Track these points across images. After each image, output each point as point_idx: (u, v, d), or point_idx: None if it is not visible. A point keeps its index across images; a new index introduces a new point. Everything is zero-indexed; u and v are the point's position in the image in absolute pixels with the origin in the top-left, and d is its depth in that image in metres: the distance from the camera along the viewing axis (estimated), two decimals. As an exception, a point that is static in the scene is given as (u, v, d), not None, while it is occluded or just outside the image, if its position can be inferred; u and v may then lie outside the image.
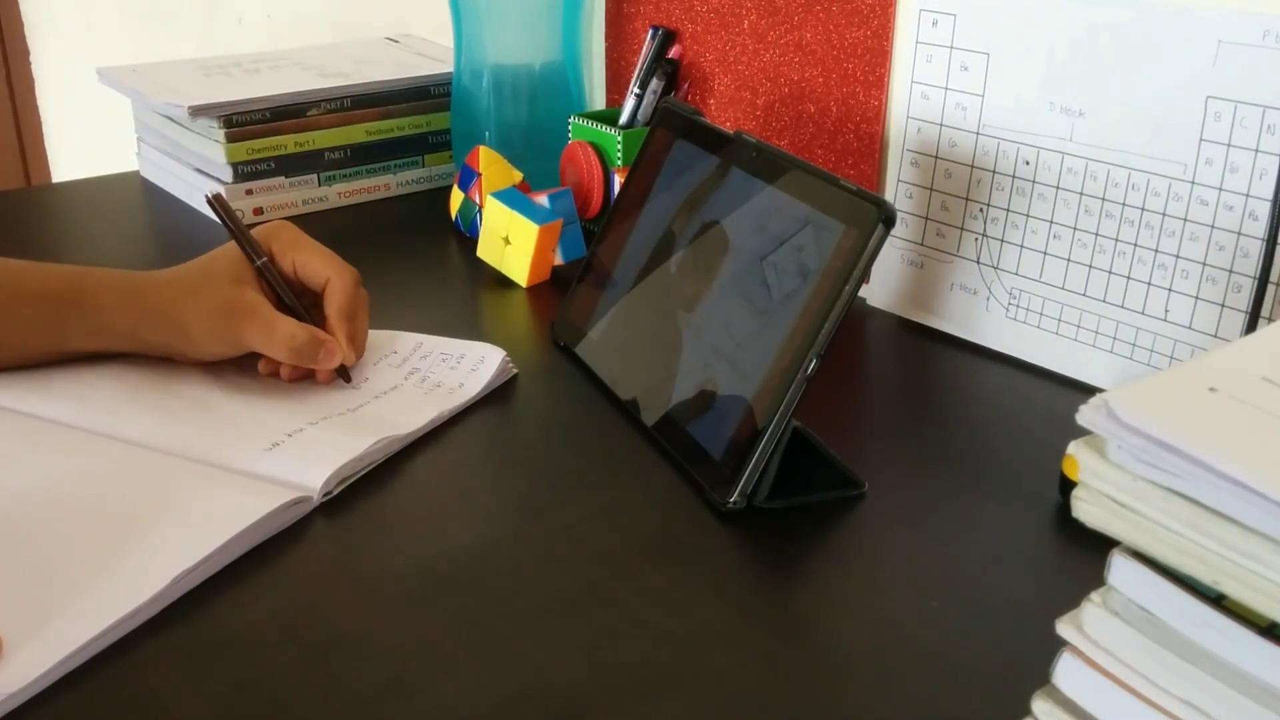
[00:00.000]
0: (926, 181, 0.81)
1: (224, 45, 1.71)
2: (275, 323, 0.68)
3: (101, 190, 1.14)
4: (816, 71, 0.88)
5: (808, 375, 0.58)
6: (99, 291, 0.68)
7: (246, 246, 0.70)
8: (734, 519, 0.59)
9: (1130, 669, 0.34)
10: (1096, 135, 0.71)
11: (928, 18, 0.78)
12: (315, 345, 0.68)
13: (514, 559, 0.56)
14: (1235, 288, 0.66)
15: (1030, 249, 0.76)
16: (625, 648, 0.50)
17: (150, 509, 0.57)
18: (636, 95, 0.94)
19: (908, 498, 0.62)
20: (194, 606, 0.52)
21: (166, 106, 1.02)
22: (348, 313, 0.71)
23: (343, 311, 0.70)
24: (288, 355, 0.68)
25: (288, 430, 0.64)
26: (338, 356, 0.69)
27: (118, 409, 0.66)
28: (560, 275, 0.89)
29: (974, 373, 0.77)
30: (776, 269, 0.62)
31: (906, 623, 0.52)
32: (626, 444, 0.67)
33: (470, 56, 1.02)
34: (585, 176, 0.93)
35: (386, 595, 0.53)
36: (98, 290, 0.68)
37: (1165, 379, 0.34)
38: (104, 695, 0.47)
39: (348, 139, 1.07)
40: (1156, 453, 0.31)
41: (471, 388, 0.70)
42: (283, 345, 0.67)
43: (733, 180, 0.68)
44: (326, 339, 0.68)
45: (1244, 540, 0.30)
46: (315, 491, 0.59)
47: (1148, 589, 0.33)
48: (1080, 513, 0.34)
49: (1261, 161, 0.64)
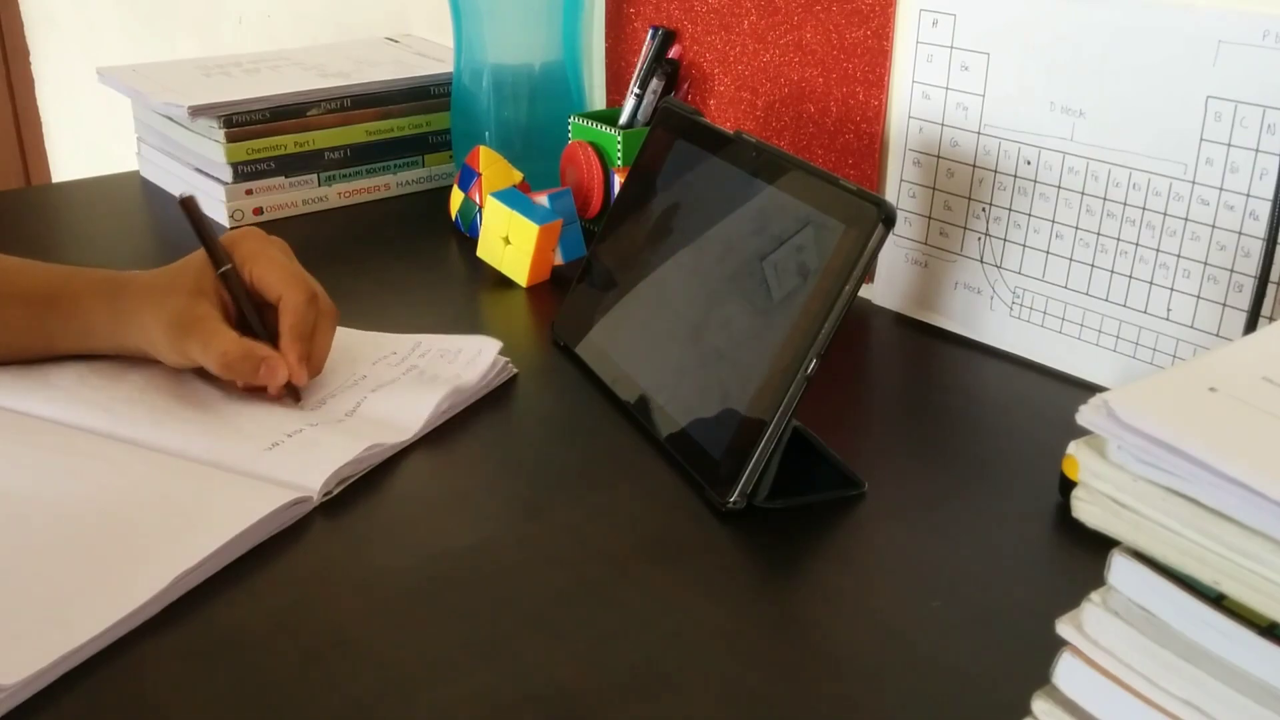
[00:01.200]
0: (929, 181, 0.81)
1: (224, 45, 1.71)
2: (214, 336, 0.66)
3: (101, 190, 1.14)
4: (816, 71, 0.88)
5: (808, 375, 0.58)
6: (82, 295, 0.68)
7: (211, 252, 0.68)
8: (734, 519, 0.59)
9: (1130, 669, 0.34)
10: (1097, 135, 0.71)
11: (928, 18, 0.78)
12: (251, 361, 0.66)
13: (514, 559, 0.56)
14: (1236, 287, 0.66)
15: (1033, 248, 0.76)
16: (625, 648, 0.50)
17: (150, 509, 0.57)
18: (636, 95, 0.94)
19: (908, 497, 0.62)
20: (194, 606, 0.52)
21: (166, 106, 1.02)
22: (300, 331, 0.68)
23: (294, 330, 0.68)
24: (220, 369, 0.66)
25: (288, 430, 0.64)
26: (281, 374, 0.66)
27: (117, 409, 0.66)
28: (560, 275, 0.89)
29: (976, 371, 0.77)
30: (776, 269, 0.62)
31: (906, 623, 0.52)
32: (626, 444, 0.67)
33: (470, 56, 1.02)
34: (585, 176, 0.93)
35: (386, 595, 0.53)
36: (81, 294, 0.68)
37: (1165, 379, 0.34)
38: (104, 695, 0.47)
39: (347, 139, 1.07)
40: (1156, 453, 0.31)
41: (469, 378, 0.70)
42: (215, 359, 0.65)
43: (733, 180, 0.68)
44: (267, 355, 0.66)
45: (1244, 540, 0.30)
46: (315, 491, 0.59)
47: (1148, 589, 0.33)
48: (1080, 513, 0.34)
49: (1262, 161, 0.64)
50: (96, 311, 0.68)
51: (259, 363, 0.66)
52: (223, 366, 0.66)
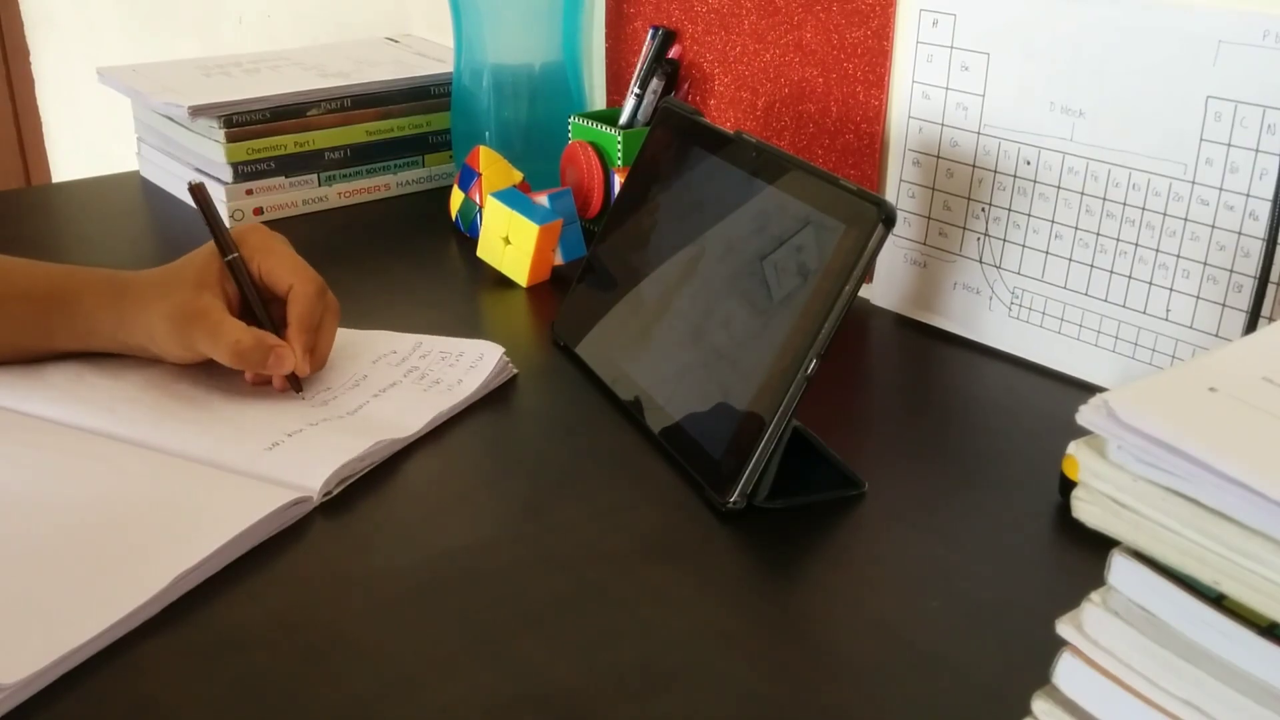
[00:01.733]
0: (929, 181, 0.81)
1: (224, 45, 1.71)
2: (222, 326, 0.66)
3: (101, 190, 1.14)
4: (816, 71, 0.88)
5: (808, 375, 0.58)
6: (83, 293, 0.68)
7: (219, 239, 0.69)
8: (734, 519, 0.59)
9: (1130, 669, 0.34)
10: (1097, 135, 0.71)
11: (928, 18, 0.78)
12: (262, 351, 0.66)
13: (514, 559, 0.56)
14: (1236, 287, 0.66)
15: (1032, 249, 0.76)
16: (625, 648, 0.50)
17: (150, 509, 0.57)
18: (636, 95, 0.94)
19: (908, 497, 0.62)
20: (194, 606, 0.52)
21: (166, 106, 1.02)
22: (308, 322, 0.68)
23: (303, 320, 0.68)
24: (231, 359, 0.66)
25: (288, 430, 0.64)
26: (288, 363, 0.67)
27: (117, 409, 0.66)
28: (560, 275, 0.89)
29: (976, 372, 0.77)
30: (776, 269, 0.62)
31: (906, 623, 0.52)
32: (626, 444, 0.67)
33: (470, 56, 1.02)
34: (585, 176, 0.93)
35: (386, 595, 0.53)
36: (82, 292, 0.68)
37: (1165, 379, 0.34)
38: (104, 695, 0.47)
39: (348, 139, 1.07)
40: (1156, 453, 0.31)
41: (470, 384, 0.70)
42: (227, 349, 0.66)
43: (733, 180, 0.68)
44: (276, 345, 0.67)
45: (1244, 540, 0.30)
46: (315, 492, 0.59)
47: (1148, 589, 0.33)
48: (1080, 513, 0.34)
49: (1262, 161, 0.64)
50: (99, 309, 0.68)
51: (269, 351, 0.66)
52: (235, 355, 0.66)
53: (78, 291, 0.68)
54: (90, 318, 0.68)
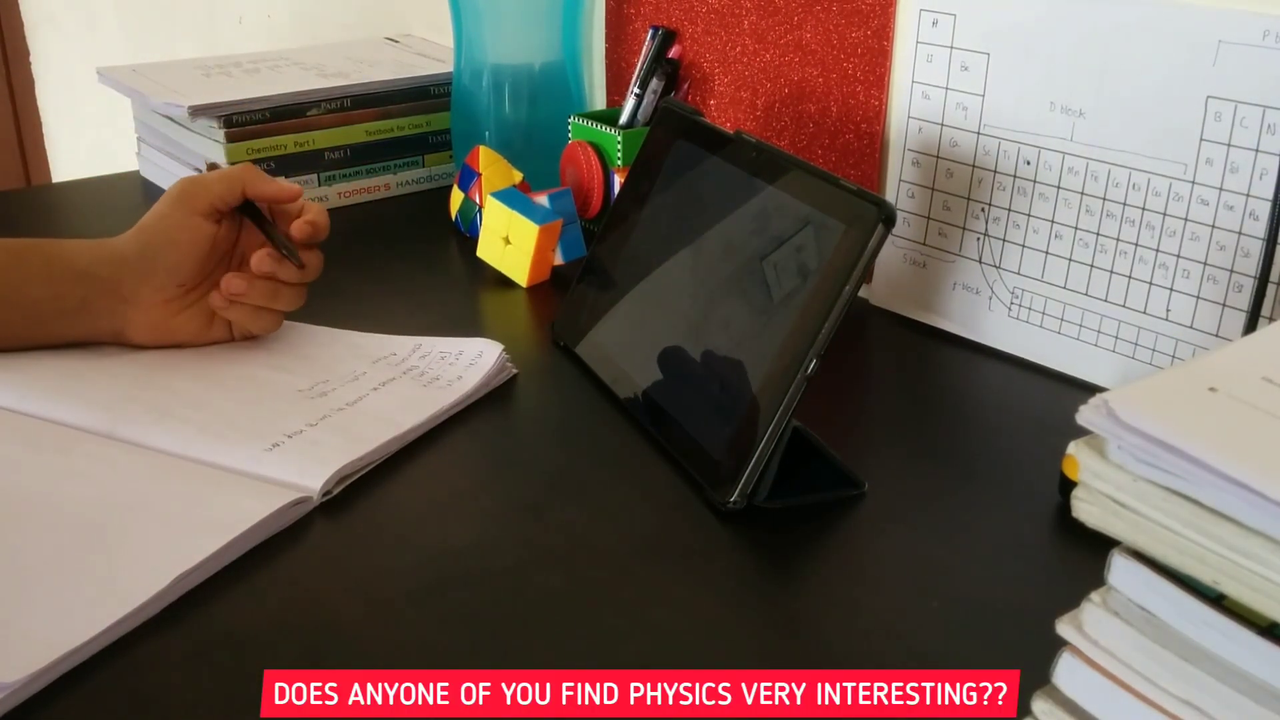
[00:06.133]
0: (928, 181, 0.81)
1: (224, 45, 1.71)
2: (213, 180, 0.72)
3: (101, 190, 1.14)
4: (816, 71, 0.88)
5: (808, 375, 0.58)
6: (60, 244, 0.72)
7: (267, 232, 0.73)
8: (734, 519, 0.59)
9: (1130, 669, 0.34)
10: (1097, 135, 0.71)
11: (928, 18, 0.78)
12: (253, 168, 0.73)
13: (514, 559, 0.56)
14: (1236, 287, 0.66)
15: (1032, 249, 0.76)
16: (625, 648, 0.50)
17: (151, 510, 0.57)
18: (636, 95, 0.94)
19: (908, 497, 0.62)
20: (194, 606, 0.52)
21: (166, 106, 1.02)
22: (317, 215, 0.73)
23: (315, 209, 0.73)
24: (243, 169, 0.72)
25: (288, 430, 0.64)
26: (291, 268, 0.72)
27: (117, 409, 0.66)
28: (560, 275, 0.89)
29: (976, 372, 0.77)
30: (776, 269, 0.62)
31: (906, 623, 0.52)
32: (626, 444, 0.67)
33: (470, 56, 1.02)
34: (585, 176, 0.93)
35: (386, 595, 0.53)
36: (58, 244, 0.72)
37: (1165, 379, 0.34)
38: (104, 695, 0.47)
39: (347, 139, 1.07)
40: (1156, 453, 0.31)
41: (470, 380, 0.70)
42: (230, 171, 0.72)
43: (733, 180, 0.68)
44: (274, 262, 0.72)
45: (1244, 540, 0.30)
46: (315, 492, 0.59)
47: (1148, 589, 0.33)
48: (1080, 513, 0.34)
49: (1262, 161, 0.64)
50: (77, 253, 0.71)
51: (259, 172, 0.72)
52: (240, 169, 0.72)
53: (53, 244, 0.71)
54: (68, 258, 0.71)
